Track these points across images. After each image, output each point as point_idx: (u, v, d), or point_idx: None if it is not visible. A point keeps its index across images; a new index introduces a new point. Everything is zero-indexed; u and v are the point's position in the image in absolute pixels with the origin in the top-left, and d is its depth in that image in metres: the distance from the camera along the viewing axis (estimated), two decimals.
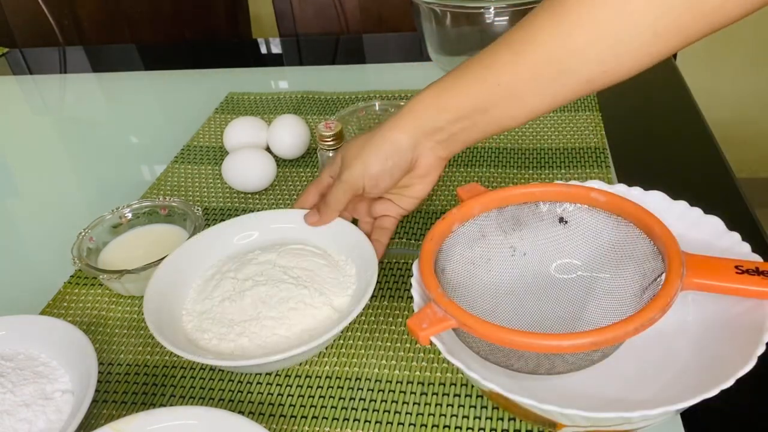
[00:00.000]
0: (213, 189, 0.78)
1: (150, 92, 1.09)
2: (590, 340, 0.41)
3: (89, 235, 0.65)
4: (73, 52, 1.30)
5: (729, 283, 0.45)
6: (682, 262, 0.45)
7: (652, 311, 0.42)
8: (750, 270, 0.45)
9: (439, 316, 0.44)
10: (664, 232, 0.47)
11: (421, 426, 0.48)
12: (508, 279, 0.53)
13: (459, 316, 0.43)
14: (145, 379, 0.55)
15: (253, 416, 0.50)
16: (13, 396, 0.50)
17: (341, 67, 1.11)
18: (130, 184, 0.81)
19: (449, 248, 0.51)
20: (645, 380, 0.48)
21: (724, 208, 0.53)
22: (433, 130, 0.56)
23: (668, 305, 0.43)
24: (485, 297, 0.51)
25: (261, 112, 0.93)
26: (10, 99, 1.12)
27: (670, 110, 0.87)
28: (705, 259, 0.46)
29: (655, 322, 0.42)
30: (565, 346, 0.41)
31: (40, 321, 0.56)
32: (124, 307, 0.62)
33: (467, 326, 0.43)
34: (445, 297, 0.44)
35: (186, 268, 0.60)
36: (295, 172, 0.80)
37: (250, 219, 0.65)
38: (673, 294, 0.43)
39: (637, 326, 0.41)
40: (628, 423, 0.42)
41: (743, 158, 1.80)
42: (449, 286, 0.50)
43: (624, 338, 0.42)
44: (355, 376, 0.53)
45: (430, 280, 0.46)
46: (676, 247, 0.46)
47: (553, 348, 0.41)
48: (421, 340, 0.43)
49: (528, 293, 0.52)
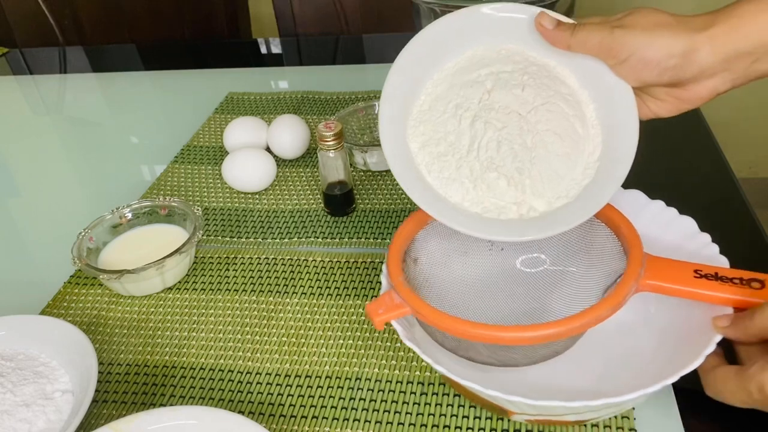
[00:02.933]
0: (213, 189, 0.78)
1: (150, 92, 1.09)
2: (531, 335, 0.42)
3: (89, 235, 0.65)
4: (73, 52, 1.30)
5: (685, 286, 0.45)
6: (642, 264, 0.45)
7: (601, 310, 0.43)
8: (709, 275, 0.45)
9: (396, 302, 0.46)
10: (630, 232, 0.48)
11: (421, 426, 0.48)
12: (484, 273, 0.53)
13: (414, 303, 0.45)
14: (145, 379, 0.55)
15: (253, 416, 0.50)
16: (13, 396, 0.50)
17: (341, 67, 1.11)
18: (130, 184, 0.81)
19: (425, 238, 0.51)
20: (611, 374, 0.49)
21: (724, 208, 0.53)
22: (743, 53, 0.45)
23: (618, 305, 0.43)
24: (458, 289, 0.52)
25: (261, 112, 0.93)
26: (10, 99, 1.12)
27: None
28: (665, 261, 0.46)
29: (602, 320, 0.43)
30: (507, 338, 0.42)
31: (40, 321, 0.56)
32: (124, 307, 0.62)
33: (420, 314, 0.45)
34: (404, 285, 0.46)
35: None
36: (295, 172, 0.80)
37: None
38: (624, 294, 0.44)
39: (584, 323, 0.42)
40: (574, 413, 0.43)
41: (743, 158, 1.80)
42: (422, 275, 0.51)
43: (567, 335, 0.43)
44: (355, 376, 0.53)
45: (394, 269, 0.48)
46: (639, 249, 0.46)
47: (495, 339, 0.43)
48: (375, 324, 0.45)
49: (501, 288, 0.53)
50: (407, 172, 0.49)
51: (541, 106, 0.48)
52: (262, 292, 0.62)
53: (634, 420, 0.47)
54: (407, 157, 0.49)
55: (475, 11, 0.51)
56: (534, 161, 0.48)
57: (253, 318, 0.59)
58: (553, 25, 0.49)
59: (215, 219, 0.73)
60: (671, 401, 0.48)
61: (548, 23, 0.49)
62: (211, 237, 0.70)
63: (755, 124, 1.79)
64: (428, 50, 0.51)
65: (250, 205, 0.75)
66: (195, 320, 0.60)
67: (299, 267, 0.65)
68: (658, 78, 0.46)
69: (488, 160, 0.48)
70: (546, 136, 0.48)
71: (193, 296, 0.63)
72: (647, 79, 0.47)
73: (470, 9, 0.51)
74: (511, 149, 0.48)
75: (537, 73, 0.50)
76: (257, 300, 0.61)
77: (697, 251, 0.50)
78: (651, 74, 0.46)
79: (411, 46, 0.51)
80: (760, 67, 0.45)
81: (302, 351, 0.56)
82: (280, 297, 0.61)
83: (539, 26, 0.49)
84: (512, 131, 0.48)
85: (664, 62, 0.45)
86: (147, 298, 0.63)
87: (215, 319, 0.60)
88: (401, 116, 0.50)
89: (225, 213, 0.74)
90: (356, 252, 0.66)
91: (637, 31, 0.45)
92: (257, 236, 0.70)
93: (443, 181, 0.49)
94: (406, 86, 0.51)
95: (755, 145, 1.81)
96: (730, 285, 0.44)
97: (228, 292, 0.63)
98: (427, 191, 0.48)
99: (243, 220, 0.72)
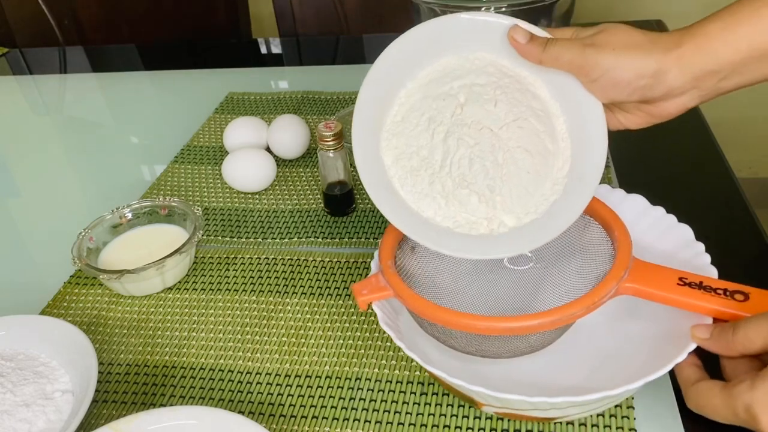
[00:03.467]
0: (213, 189, 0.78)
1: (150, 92, 1.09)
2: (501, 325, 0.43)
3: (89, 235, 0.65)
4: (73, 52, 1.30)
5: (667, 293, 0.45)
6: (627, 267, 0.45)
7: (575, 308, 0.43)
8: (693, 283, 0.45)
9: (381, 285, 0.47)
10: (622, 236, 0.48)
11: (421, 426, 0.48)
12: (477, 265, 0.53)
13: (396, 287, 0.46)
14: (145, 379, 0.55)
15: (253, 416, 0.50)
16: (13, 396, 0.50)
17: (341, 67, 1.11)
18: (130, 184, 0.81)
19: None
20: (598, 370, 0.49)
21: (724, 208, 0.53)
22: (711, 72, 0.45)
23: (594, 305, 0.44)
24: (451, 279, 0.52)
25: (261, 112, 0.93)
26: (10, 99, 1.12)
27: None
28: (651, 267, 0.46)
29: (577, 318, 0.44)
30: (480, 327, 0.44)
31: (40, 321, 0.56)
32: (124, 307, 0.62)
33: (401, 298, 0.46)
34: (390, 269, 0.48)
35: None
36: (295, 172, 0.80)
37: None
38: (601, 295, 0.44)
39: (554, 320, 0.43)
40: (537, 409, 0.43)
41: (743, 158, 1.80)
42: (418, 263, 0.51)
43: (539, 329, 0.44)
44: (355, 376, 0.53)
45: (385, 253, 0.49)
46: (627, 253, 0.46)
47: (467, 327, 0.44)
48: (359, 304, 0.47)
49: (492, 281, 0.53)
50: (380, 187, 0.49)
51: (513, 122, 0.49)
52: (262, 292, 0.62)
53: (634, 420, 0.47)
54: (380, 170, 0.50)
55: (452, 18, 0.51)
56: (505, 178, 0.48)
57: (253, 318, 0.59)
58: (526, 39, 0.49)
59: (215, 219, 0.73)
60: (671, 402, 0.48)
61: (521, 37, 0.49)
62: (211, 237, 0.70)
63: (755, 124, 1.79)
64: (404, 57, 0.51)
65: (250, 205, 0.75)
66: (195, 320, 0.60)
67: (299, 267, 0.65)
68: (628, 97, 0.47)
69: (460, 176, 0.49)
70: (516, 153, 0.49)
71: (193, 296, 0.63)
72: (617, 98, 0.48)
73: (448, 15, 0.51)
74: (483, 166, 0.48)
75: (509, 87, 0.50)
76: (257, 300, 0.61)
77: (688, 260, 0.50)
78: (621, 93, 0.47)
79: (387, 54, 0.51)
80: (726, 84, 0.46)
81: (302, 351, 0.56)
82: (280, 297, 0.61)
83: (512, 40, 0.49)
84: (484, 148, 0.49)
85: (634, 83, 0.46)
86: (147, 298, 0.63)
87: (215, 319, 0.60)
88: (374, 128, 0.51)
89: (225, 213, 0.74)
90: (356, 252, 0.66)
91: (607, 52, 0.46)
92: (257, 236, 0.70)
93: (416, 195, 0.49)
94: (381, 93, 0.51)
95: (755, 145, 1.81)
96: (713, 295, 0.44)
97: (228, 292, 0.63)
98: (400, 206, 0.49)
99: (243, 220, 0.72)
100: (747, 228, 0.64)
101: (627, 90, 0.46)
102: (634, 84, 0.46)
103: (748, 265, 0.60)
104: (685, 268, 0.47)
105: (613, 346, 0.50)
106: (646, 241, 0.52)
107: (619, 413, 0.47)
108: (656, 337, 0.48)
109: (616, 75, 0.46)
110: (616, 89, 0.47)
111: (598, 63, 0.46)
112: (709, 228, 0.52)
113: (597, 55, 0.46)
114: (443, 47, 0.51)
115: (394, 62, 0.51)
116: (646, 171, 0.74)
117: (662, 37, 0.46)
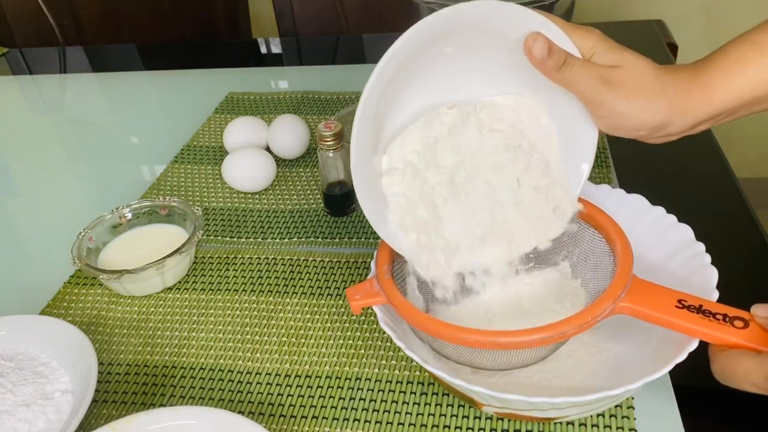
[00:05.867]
0: (213, 189, 0.78)
1: (150, 92, 1.09)
2: (492, 340, 0.43)
3: (89, 235, 0.65)
4: (73, 52, 1.30)
5: (664, 315, 0.43)
6: (624, 287, 0.44)
7: (567, 326, 0.43)
8: (692, 306, 0.43)
9: (374, 291, 0.48)
10: (625, 251, 0.47)
11: (421, 426, 0.48)
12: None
13: (390, 294, 0.46)
14: (145, 379, 0.55)
15: (253, 416, 0.50)
16: (13, 396, 0.50)
17: (341, 67, 1.11)
18: (130, 184, 0.81)
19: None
20: (598, 370, 0.49)
21: (724, 208, 0.53)
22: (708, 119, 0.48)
23: (587, 324, 0.43)
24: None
25: (261, 112, 0.93)
26: (10, 99, 1.12)
27: None
28: (650, 287, 0.45)
29: (568, 337, 0.44)
30: (469, 340, 0.43)
31: (40, 321, 0.56)
32: (124, 307, 0.62)
33: (393, 305, 0.46)
34: (385, 275, 0.48)
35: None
36: (295, 172, 0.80)
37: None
38: (596, 314, 0.43)
39: (546, 337, 0.42)
40: (537, 409, 0.43)
41: (743, 158, 1.80)
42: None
43: (530, 345, 0.43)
44: (355, 376, 0.53)
45: (382, 259, 0.49)
46: (627, 272, 0.45)
47: (459, 340, 0.43)
48: (353, 308, 0.47)
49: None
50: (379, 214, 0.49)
51: (513, 190, 0.51)
52: (262, 292, 0.62)
53: (634, 420, 0.47)
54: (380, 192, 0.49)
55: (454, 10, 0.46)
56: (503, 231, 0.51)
57: (253, 318, 0.59)
58: (542, 54, 0.45)
59: (215, 219, 0.73)
60: (672, 402, 0.48)
61: (538, 51, 0.45)
62: (211, 237, 0.70)
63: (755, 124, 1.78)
64: (399, 66, 0.46)
65: (250, 205, 0.75)
66: (195, 320, 0.60)
67: (299, 267, 0.65)
68: (627, 136, 0.49)
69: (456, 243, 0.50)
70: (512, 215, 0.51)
71: (193, 296, 0.63)
72: (617, 134, 0.49)
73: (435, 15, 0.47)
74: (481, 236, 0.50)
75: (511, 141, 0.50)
76: (257, 300, 0.61)
77: (688, 260, 0.49)
78: (622, 133, 0.49)
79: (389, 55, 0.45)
80: (718, 123, 0.49)
81: (302, 351, 0.56)
82: (280, 297, 0.61)
83: (528, 51, 0.45)
84: (484, 217, 0.50)
85: (636, 131, 0.48)
86: (147, 298, 0.63)
87: (215, 319, 0.60)
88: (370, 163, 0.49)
89: (225, 213, 0.74)
90: (356, 252, 0.66)
91: (621, 97, 0.46)
92: (257, 236, 0.70)
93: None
94: (379, 114, 0.47)
95: (755, 145, 1.81)
96: (711, 320, 0.42)
97: (228, 292, 0.63)
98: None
99: (243, 220, 0.72)
100: (747, 228, 0.64)
101: (629, 133, 0.48)
102: (636, 132, 0.48)
103: (748, 265, 0.60)
104: (685, 268, 0.46)
105: (614, 346, 0.50)
106: (646, 241, 0.52)
107: (619, 413, 0.47)
108: (656, 338, 0.48)
109: (623, 122, 0.47)
110: (619, 130, 0.48)
111: (608, 105, 0.46)
112: (709, 228, 0.52)
113: (610, 96, 0.46)
114: (435, 52, 0.48)
115: (399, 62, 0.46)
116: (646, 171, 0.74)
117: (672, 82, 0.46)
